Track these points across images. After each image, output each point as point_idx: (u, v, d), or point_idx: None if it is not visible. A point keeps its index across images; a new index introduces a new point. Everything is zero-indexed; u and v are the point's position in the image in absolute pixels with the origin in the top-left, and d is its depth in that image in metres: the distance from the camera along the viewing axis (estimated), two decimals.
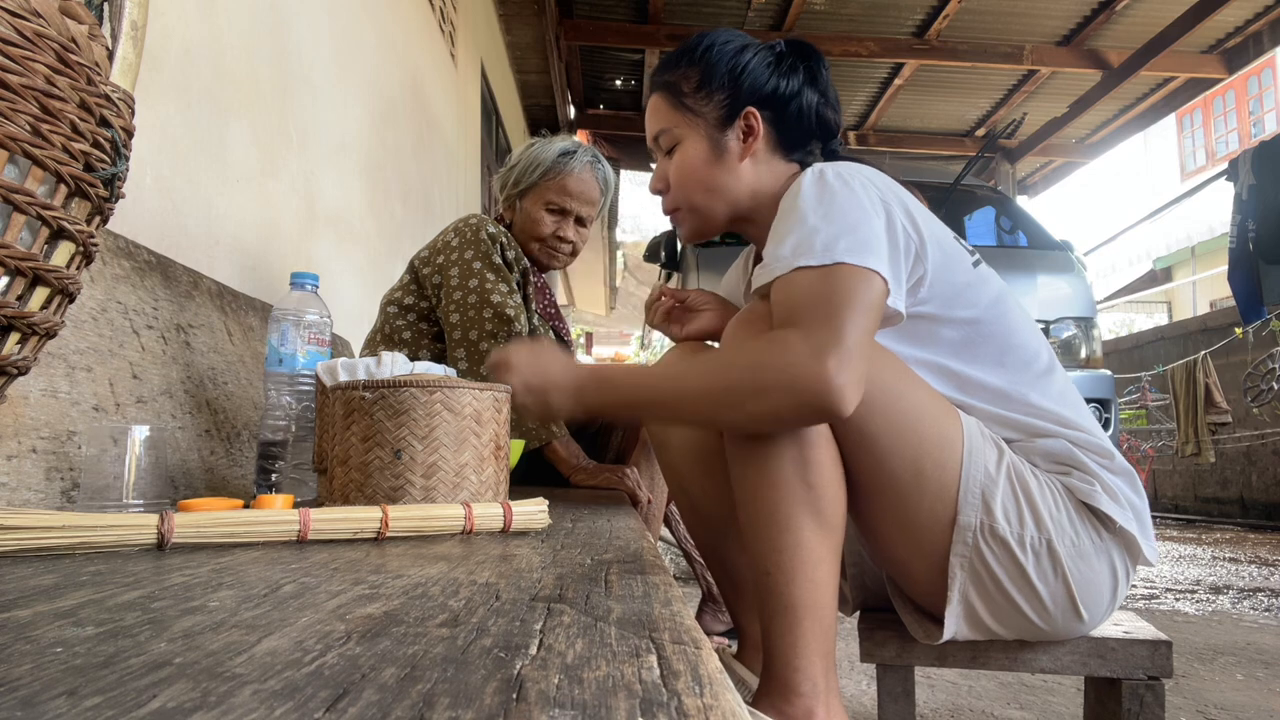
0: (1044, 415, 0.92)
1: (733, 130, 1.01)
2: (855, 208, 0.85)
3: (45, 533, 0.54)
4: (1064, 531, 0.86)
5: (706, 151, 1.01)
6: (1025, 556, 0.85)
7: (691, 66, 1.02)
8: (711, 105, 1.01)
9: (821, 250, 0.82)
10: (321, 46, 2.00)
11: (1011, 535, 0.85)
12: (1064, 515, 0.87)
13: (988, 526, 0.85)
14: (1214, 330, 6.29)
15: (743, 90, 1.00)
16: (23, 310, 0.53)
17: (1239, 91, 12.44)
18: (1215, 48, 6.03)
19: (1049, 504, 0.87)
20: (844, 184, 0.87)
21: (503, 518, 0.72)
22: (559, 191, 1.62)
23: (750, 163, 1.01)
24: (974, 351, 0.92)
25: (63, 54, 0.51)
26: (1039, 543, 0.86)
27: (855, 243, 0.82)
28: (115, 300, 1.06)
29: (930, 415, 0.88)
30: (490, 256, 1.50)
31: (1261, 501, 6.09)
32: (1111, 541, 0.88)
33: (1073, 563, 0.86)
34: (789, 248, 0.85)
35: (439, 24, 3.57)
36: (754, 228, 1.06)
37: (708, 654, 0.33)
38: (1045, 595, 0.87)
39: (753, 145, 1.00)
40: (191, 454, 1.13)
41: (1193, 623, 2.45)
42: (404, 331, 1.57)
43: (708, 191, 1.02)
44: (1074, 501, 0.88)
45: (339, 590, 0.44)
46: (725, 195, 1.02)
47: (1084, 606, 0.88)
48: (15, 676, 0.28)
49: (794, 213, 0.87)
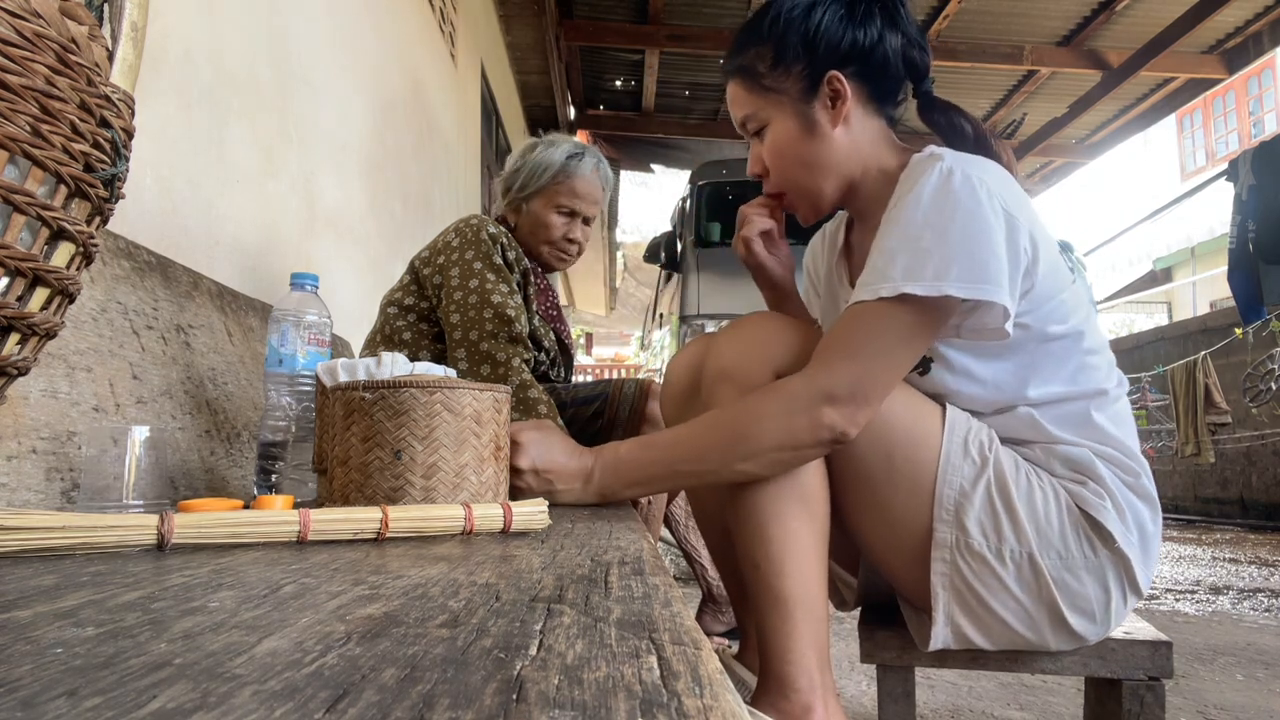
0: (1092, 435, 0.89)
1: (819, 100, 0.95)
2: (979, 225, 0.81)
3: (45, 533, 0.54)
4: (1049, 543, 0.84)
5: (796, 129, 0.96)
6: (1005, 569, 0.84)
7: (762, 45, 0.97)
8: (791, 79, 0.95)
9: (933, 277, 0.80)
10: (321, 47, 2.00)
11: (989, 549, 0.84)
12: (1055, 525, 0.84)
13: (963, 543, 0.84)
14: (1214, 331, 6.29)
15: (819, 55, 0.94)
16: (23, 311, 0.53)
17: (1239, 92, 12.44)
18: (1215, 48, 6.03)
19: (1039, 513, 0.84)
20: (970, 193, 0.82)
21: (503, 518, 0.72)
22: (569, 194, 1.63)
23: (845, 129, 0.95)
24: (1051, 364, 0.89)
25: (63, 55, 0.51)
26: (1019, 554, 0.84)
27: (970, 269, 0.80)
28: (115, 301, 1.06)
29: (902, 405, 0.87)
30: (491, 257, 1.50)
31: (1261, 502, 6.09)
32: (1108, 559, 0.85)
33: (1058, 574, 0.84)
34: (900, 269, 0.81)
35: (439, 24, 3.57)
36: (854, 199, 1.01)
37: (707, 655, 0.33)
38: (1029, 606, 0.85)
39: (843, 110, 0.94)
40: (192, 454, 1.13)
41: (1193, 623, 2.45)
42: (404, 332, 1.57)
43: (807, 169, 0.97)
44: (1076, 513, 0.85)
45: (339, 591, 0.44)
46: (827, 168, 0.96)
47: (1072, 618, 0.85)
48: (15, 677, 0.28)
49: (909, 225, 0.83)
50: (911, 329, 0.82)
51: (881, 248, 0.84)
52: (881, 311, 0.82)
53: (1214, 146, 13.14)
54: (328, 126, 2.04)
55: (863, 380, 0.82)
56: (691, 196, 4.36)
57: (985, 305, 0.82)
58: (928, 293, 0.79)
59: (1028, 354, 0.89)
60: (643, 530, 0.78)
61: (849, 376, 0.82)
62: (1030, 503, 0.85)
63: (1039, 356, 0.89)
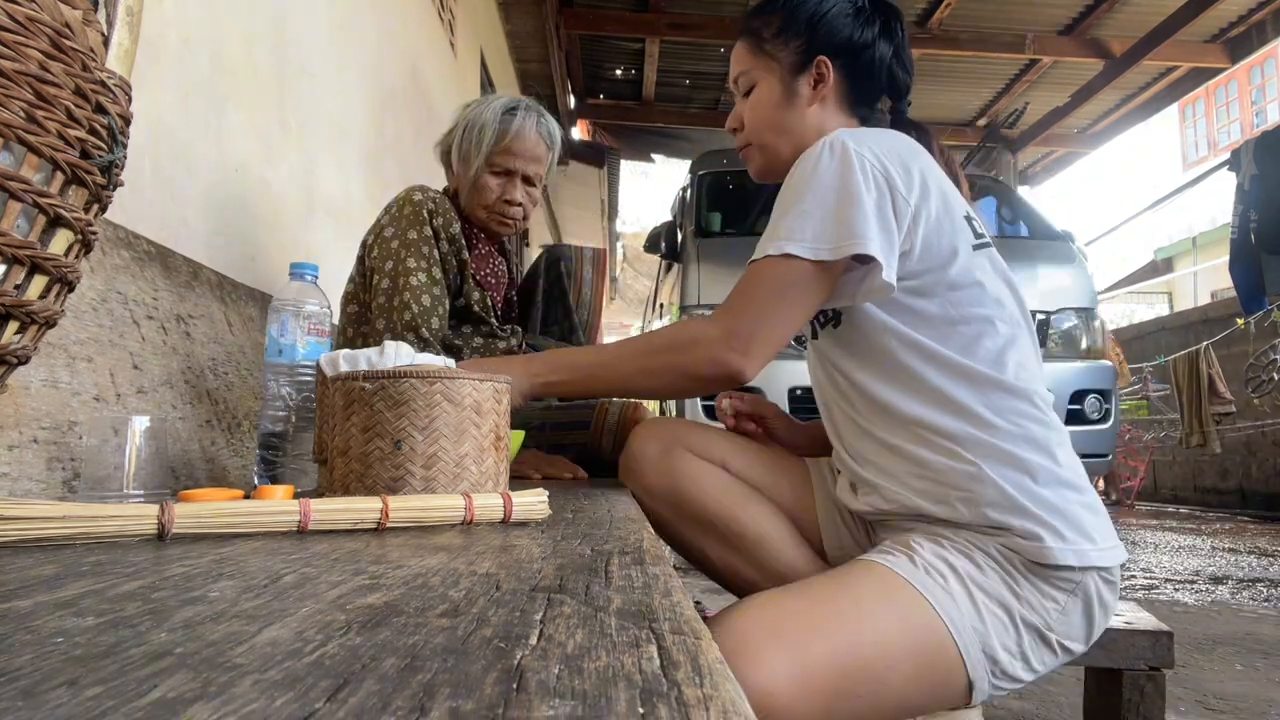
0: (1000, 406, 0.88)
1: (805, 76, 1.05)
2: (851, 192, 0.88)
3: (46, 523, 0.54)
4: (1044, 613, 0.83)
5: (779, 94, 1.06)
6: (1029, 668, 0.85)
7: (774, 14, 1.08)
8: (788, 51, 1.06)
9: (811, 239, 0.89)
10: (320, 35, 1.99)
11: (1015, 658, 0.83)
12: (1035, 598, 0.83)
13: (999, 671, 0.83)
14: (1215, 321, 6.29)
15: (818, 38, 1.05)
16: (21, 299, 0.53)
17: (1241, 81, 12.38)
18: (1218, 37, 6.00)
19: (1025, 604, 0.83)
20: (847, 162, 0.90)
21: (503, 508, 0.72)
22: (503, 152, 1.51)
23: (819, 109, 1.06)
24: (951, 329, 0.91)
25: (57, 39, 0.51)
26: (1033, 639, 0.84)
27: (838, 231, 0.88)
28: (115, 290, 1.06)
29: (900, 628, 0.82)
30: (415, 228, 1.42)
31: (1261, 492, 6.10)
32: (1084, 573, 0.84)
33: (1060, 627, 0.84)
34: (784, 230, 0.91)
35: (438, 13, 3.55)
36: None
37: (707, 644, 0.33)
38: (1048, 663, 0.86)
39: (822, 92, 1.05)
40: (192, 444, 1.13)
41: (1191, 613, 2.46)
42: (355, 341, 1.51)
43: (775, 131, 1.07)
44: (1029, 567, 0.83)
45: (339, 580, 0.44)
46: (792, 136, 1.06)
47: (1071, 644, 0.86)
48: (16, 667, 0.28)
49: (797, 188, 0.92)
50: (798, 284, 0.91)
51: (776, 211, 0.95)
52: (771, 268, 0.91)
53: (1216, 136, 13.09)
54: (327, 115, 2.03)
55: (757, 327, 0.92)
56: (692, 186, 4.35)
57: (874, 267, 0.88)
58: (804, 254, 0.89)
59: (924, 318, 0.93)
60: (642, 520, 0.78)
61: (747, 322, 0.93)
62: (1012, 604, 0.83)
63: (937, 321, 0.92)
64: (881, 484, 0.93)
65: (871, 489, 0.95)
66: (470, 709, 0.25)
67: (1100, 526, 0.86)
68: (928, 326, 0.92)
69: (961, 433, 0.87)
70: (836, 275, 0.92)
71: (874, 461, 0.95)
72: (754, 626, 0.76)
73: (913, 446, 0.90)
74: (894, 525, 0.96)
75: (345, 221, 2.19)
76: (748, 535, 1.04)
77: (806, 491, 1.11)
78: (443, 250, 1.46)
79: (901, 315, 0.93)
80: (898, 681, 0.78)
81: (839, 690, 0.75)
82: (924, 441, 0.90)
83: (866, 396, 0.95)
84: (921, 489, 0.89)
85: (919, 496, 0.89)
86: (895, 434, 0.92)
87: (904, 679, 0.79)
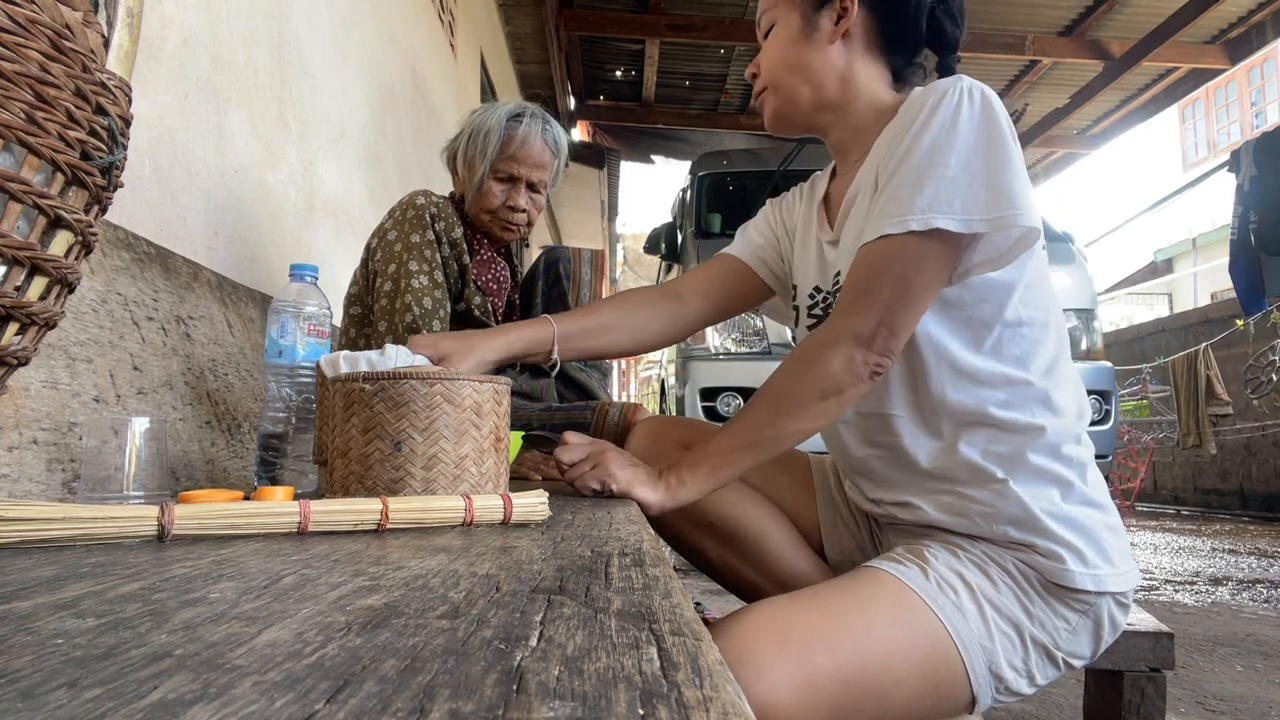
0: (1038, 403, 0.85)
1: (828, 9, 0.95)
2: (1004, 146, 0.79)
3: (46, 524, 0.54)
4: (1054, 632, 0.83)
5: (798, 29, 0.96)
6: (1030, 684, 0.84)
7: None
8: None
9: (963, 211, 0.78)
10: (320, 36, 1.99)
11: (1020, 675, 0.83)
12: (1047, 617, 0.82)
13: (1003, 688, 0.83)
14: (1215, 322, 6.29)
15: None
16: (21, 300, 0.53)
17: (1241, 83, 12.39)
18: (1218, 38, 6.00)
19: (1036, 623, 0.82)
20: (993, 117, 0.80)
21: (503, 509, 0.72)
22: (508, 159, 1.53)
23: (842, 46, 0.95)
24: (1016, 331, 0.86)
25: (57, 40, 0.51)
26: (1040, 657, 0.83)
27: (996, 201, 0.78)
28: (115, 292, 1.06)
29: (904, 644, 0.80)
30: (418, 232, 1.43)
31: (1261, 493, 6.10)
32: (1099, 598, 0.83)
33: (1068, 645, 0.83)
34: (926, 199, 0.79)
35: (438, 14, 3.55)
36: (836, 129, 1.00)
37: (708, 646, 0.33)
38: (1050, 677, 0.86)
39: (845, 26, 0.94)
40: (192, 445, 1.13)
41: (1192, 614, 2.46)
42: (358, 341, 1.52)
43: (791, 69, 0.97)
44: (1047, 587, 0.82)
45: (339, 582, 0.44)
46: (810, 76, 0.96)
47: (1075, 661, 0.86)
48: (16, 668, 0.28)
49: (936, 145, 0.80)
50: (938, 263, 0.81)
51: (903, 175, 0.82)
52: (909, 247, 0.80)
53: (1216, 137, 13.10)
54: (327, 116, 2.03)
55: (886, 318, 0.81)
56: (692, 187, 4.36)
57: (1023, 238, 0.80)
58: (955, 228, 0.78)
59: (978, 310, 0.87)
60: (643, 522, 0.78)
61: (874, 317, 0.81)
62: (1027, 621, 0.82)
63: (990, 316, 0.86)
64: (899, 498, 0.91)
65: (888, 497, 0.94)
66: (470, 710, 0.25)
67: (1120, 548, 0.85)
68: (981, 327, 0.85)
69: (995, 449, 0.84)
70: (963, 250, 0.83)
71: (889, 477, 0.93)
72: (759, 635, 0.74)
73: (940, 461, 0.87)
74: (907, 530, 0.94)
75: (345, 222, 2.19)
76: (747, 535, 1.04)
77: (806, 491, 1.11)
78: (444, 254, 1.47)
79: (949, 315, 0.86)
80: (901, 696, 0.78)
81: (842, 704, 0.74)
82: (951, 456, 0.86)
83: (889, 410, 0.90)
84: (944, 504, 0.87)
85: (939, 511, 0.87)
86: (920, 449, 0.89)
87: (908, 694, 0.78)
